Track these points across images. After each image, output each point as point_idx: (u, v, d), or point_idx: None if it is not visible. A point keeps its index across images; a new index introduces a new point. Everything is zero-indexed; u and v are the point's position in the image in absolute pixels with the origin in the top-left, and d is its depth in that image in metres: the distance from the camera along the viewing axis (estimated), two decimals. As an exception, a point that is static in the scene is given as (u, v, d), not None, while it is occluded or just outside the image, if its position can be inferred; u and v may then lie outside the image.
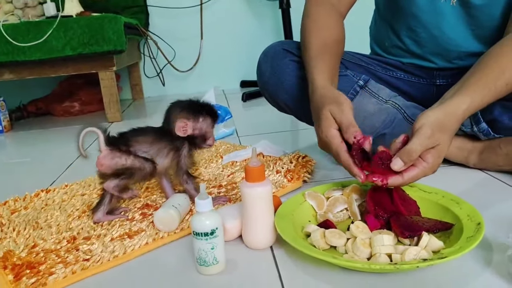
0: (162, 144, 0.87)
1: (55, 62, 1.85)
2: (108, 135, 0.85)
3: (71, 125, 1.97)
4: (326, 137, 0.78)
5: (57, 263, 0.72)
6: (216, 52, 2.59)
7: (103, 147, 0.84)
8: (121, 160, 0.84)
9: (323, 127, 0.78)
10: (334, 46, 0.94)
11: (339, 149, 0.76)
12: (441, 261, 0.59)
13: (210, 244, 0.66)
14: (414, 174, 0.72)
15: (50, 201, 1.00)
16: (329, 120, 0.78)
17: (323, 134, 0.79)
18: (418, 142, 0.70)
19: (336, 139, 0.77)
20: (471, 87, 0.77)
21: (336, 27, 0.98)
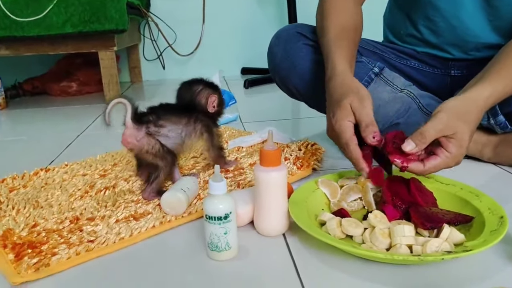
0: (195, 125, 0.86)
1: (54, 39, 1.79)
2: (136, 109, 0.82)
3: (68, 105, 1.93)
4: (340, 127, 0.75)
5: (60, 244, 0.69)
6: (217, 38, 2.54)
7: (128, 122, 0.81)
8: (147, 145, 0.81)
9: (338, 117, 0.75)
10: (352, 32, 0.91)
11: (350, 142, 0.73)
12: (466, 253, 0.57)
13: (223, 228, 0.64)
14: (436, 164, 0.70)
15: (50, 180, 0.96)
16: (347, 112, 0.74)
17: (336, 124, 0.75)
18: (431, 125, 0.69)
19: (348, 131, 0.74)
20: (492, 77, 0.76)
21: (354, 13, 0.95)
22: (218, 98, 0.90)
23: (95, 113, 1.71)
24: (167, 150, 0.83)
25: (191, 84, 0.89)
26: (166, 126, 0.83)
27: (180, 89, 0.90)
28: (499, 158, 0.95)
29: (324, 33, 0.91)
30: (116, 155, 1.10)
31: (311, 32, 1.02)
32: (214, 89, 0.90)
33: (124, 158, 1.07)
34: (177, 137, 0.84)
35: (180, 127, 0.84)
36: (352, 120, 0.74)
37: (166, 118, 0.83)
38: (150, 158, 0.83)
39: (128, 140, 0.81)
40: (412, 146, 0.69)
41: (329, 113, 0.80)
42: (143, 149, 0.82)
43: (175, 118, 0.84)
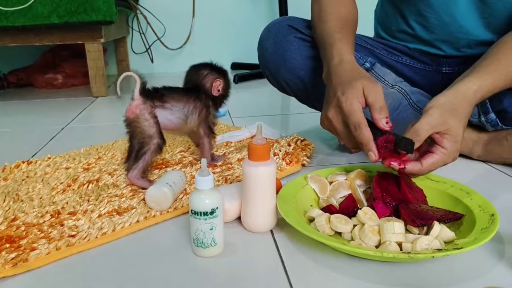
0: (195, 103, 0.90)
1: (39, 30, 1.75)
2: (145, 84, 0.85)
3: (54, 98, 1.89)
4: (352, 105, 0.70)
5: (39, 238, 0.67)
6: (207, 32, 2.52)
7: (137, 95, 0.84)
8: (147, 122, 0.84)
9: (349, 95, 0.71)
10: (352, 24, 0.90)
11: (363, 121, 0.69)
12: (457, 251, 0.56)
13: (209, 224, 0.62)
14: (434, 161, 0.69)
15: (32, 173, 0.93)
16: (358, 92, 0.71)
17: (347, 102, 0.71)
18: (425, 121, 0.68)
19: (360, 111, 0.70)
20: (481, 70, 0.76)
21: (352, 5, 0.94)
22: (223, 82, 0.94)
23: (81, 106, 1.67)
24: (161, 133, 0.85)
25: (199, 67, 0.94)
26: (169, 102, 0.87)
27: (188, 72, 0.94)
28: (489, 155, 0.95)
29: (323, 22, 0.89)
30: (101, 149, 1.07)
31: (303, 25, 1.00)
32: (220, 73, 0.94)
33: (109, 151, 1.05)
34: (180, 112, 0.88)
35: (182, 104, 0.88)
36: (362, 102, 0.71)
37: (170, 96, 0.87)
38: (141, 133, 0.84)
39: (133, 111, 0.84)
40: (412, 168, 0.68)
41: (335, 93, 0.74)
42: (145, 122, 0.84)
43: (178, 97, 0.88)
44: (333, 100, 0.75)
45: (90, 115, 1.56)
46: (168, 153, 1.04)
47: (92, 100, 1.79)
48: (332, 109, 0.75)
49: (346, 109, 0.71)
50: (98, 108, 1.68)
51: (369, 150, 0.69)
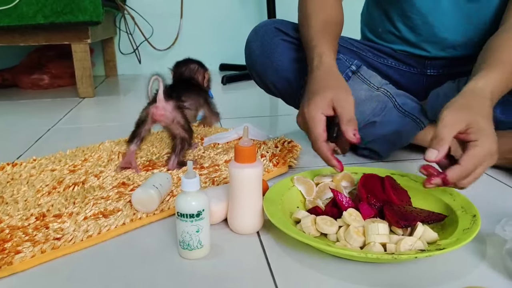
0: (199, 98, 1.01)
1: (25, 30, 1.73)
2: (167, 86, 0.92)
3: (40, 99, 1.86)
4: (312, 118, 0.73)
5: (24, 241, 0.66)
6: (195, 33, 2.51)
7: (161, 97, 0.90)
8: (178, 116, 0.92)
9: (313, 105, 0.73)
10: (335, 26, 0.91)
11: (319, 137, 0.72)
12: (439, 252, 0.57)
13: (195, 226, 0.62)
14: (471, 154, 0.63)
15: (17, 175, 0.93)
16: (324, 103, 0.73)
17: (309, 114, 0.73)
18: (441, 125, 0.64)
19: (319, 126, 0.72)
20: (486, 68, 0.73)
21: (336, 8, 0.95)
22: (208, 75, 1.06)
23: (67, 107, 1.66)
24: (189, 125, 0.95)
25: (188, 63, 1.03)
26: (186, 101, 0.95)
27: (178, 68, 1.03)
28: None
29: (308, 26, 0.90)
30: (87, 150, 1.07)
31: (290, 28, 1.00)
32: (204, 67, 1.05)
33: (95, 153, 1.04)
34: (193, 109, 0.98)
35: (193, 100, 0.98)
36: (326, 112, 0.73)
37: (185, 95, 0.96)
38: (177, 130, 0.93)
39: (161, 113, 0.90)
40: (435, 154, 0.63)
41: (304, 101, 0.77)
42: (175, 120, 0.92)
43: (189, 93, 0.97)
44: (301, 108, 0.77)
45: (77, 116, 1.55)
46: (155, 155, 1.03)
47: (79, 101, 1.78)
48: (299, 117, 0.78)
49: (307, 121, 0.74)
50: (84, 109, 1.66)
51: (330, 163, 0.74)
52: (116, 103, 1.77)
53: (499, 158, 0.92)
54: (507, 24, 0.84)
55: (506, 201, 0.82)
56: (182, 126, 0.93)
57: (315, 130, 0.72)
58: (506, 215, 0.64)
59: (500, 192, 0.85)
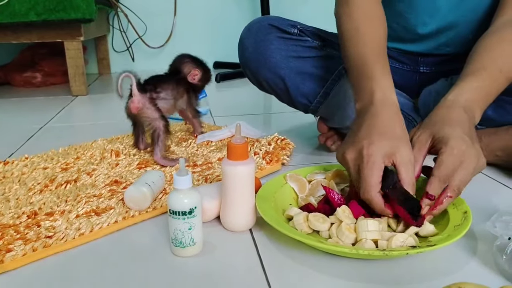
0: (179, 88, 1.05)
1: (17, 28, 1.72)
2: (139, 80, 0.97)
3: (32, 97, 1.85)
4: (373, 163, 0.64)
5: (15, 239, 0.66)
6: (189, 31, 2.50)
7: (135, 91, 0.95)
8: (150, 109, 0.97)
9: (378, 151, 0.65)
10: (386, 48, 0.80)
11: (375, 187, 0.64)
12: (430, 248, 0.57)
13: (188, 224, 0.62)
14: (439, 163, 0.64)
15: (9, 173, 0.92)
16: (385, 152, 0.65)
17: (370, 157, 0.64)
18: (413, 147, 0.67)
19: (379, 174, 0.64)
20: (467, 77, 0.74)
21: (384, 23, 0.83)
22: (202, 74, 1.09)
23: (60, 105, 1.65)
24: (163, 116, 0.99)
25: (184, 55, 1.10)
26: (162, 92, 1.00)
27: (173, 60, 1.10)
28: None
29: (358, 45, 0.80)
30: (80, 148, 1.06)
31: (283, 25, 1.00)
32: (200, 66, 1.10)
33: (88, 151, 1.04)
34: (170, 98, 1.02)
35: (170, 90, 1.02)
36: (385, 163, 0.65)
37: (160, 86, 1.00)
38: (150, 121, 0.97)
39: (136, 106, 0.95)
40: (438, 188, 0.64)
41: (363, 139, 0.67)
42: (147, 112, 0.97)
43: (166, 85, 1.02)
44: (357, 144, 0.67)
45: (70, 114, 1.54)
46: (148, 153, 1.03)
47: (72, 99, 1.77)
48: (352, 152, 0.68)
49: (365, 164, 0.65)
50: (77, 107, 1.66)
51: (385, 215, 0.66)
52: (109, 101, 1.76)
53: (490, 156, 0.94)
54: (495, 25, 0.84)
55: (497, 197, 0.82)
56: (154, 119, 0.97)
57: (373, 178, 0.64)
58: (497, 211, 0.65)
59: (491, 189, 0.86)
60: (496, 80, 0.75)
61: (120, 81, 0.95)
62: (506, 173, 0.92)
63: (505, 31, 0.82)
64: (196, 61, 1.10)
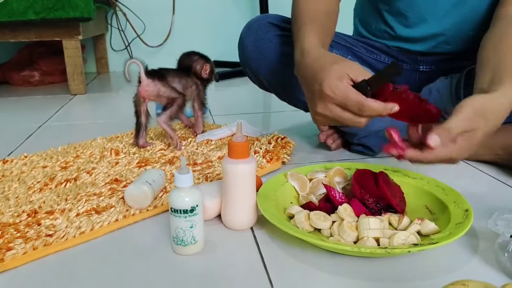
0: (187, 80, 1.08)
1: (15, 27, 1.71)
2: (146, 67, 1.02)
3: (30, 96, 1.85)
4: (338, 89, 0.65)
5: (16, 238, 0.65)
6: (188, 29, 2.50)
7: (143, 77, 1.00)
8: (163, 88, 1.02)
9: (333, 80, 0.66)
10: (323, 16, 0.87)
11: (362, 99, 0.64)
12: (432, 246, 0.57)
13: (189, 222, 0.62)
14: (440, 152, 0.63)
15: (8, 172, 0.92)
16: (339, 73, 0.66)
17: (332, 89, 0.65)
18: (457, 120, 0.63)
19: (350, 90, 0.65)
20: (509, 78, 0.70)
21: (327, 2, 0.92)
22: (210, 67, 1.14)
23: (59, 104, 1.64)
24: (178, 91, 1.04)
25: (191, 54, 1.14)
26: (171, 82, 1.04)
27: (180, 58, 1.13)
28: (465, 153, 0.96)
29: (296, 20, 0.88)
30: (79, 147, 1.06)
31: (283, 23, 1.00)
32: (208, 60, 1.15)
33: (87, 150, 1.03)
34: (178, 87, 1.05)
35: (177, 80, 1.06)
36: (348, 81, 0.67)
37: (169, 75, 1.04)
38: (166, 100, 1.03)
39: (145, 89, 1.01)
40: (437, 142, 0.62)
41: (314, 87, 0.69)
42: (159, 92, 1.02)
43: (175, 75, 1.06)
44: (315, 94, 0.70)
45: (68, 113, 1.54)
46: (148, 152, 1.03)
47: (70, 98, 1.76)
48: (319, 103, 0.69)
49: (335, 96, 0.66)
50: (76, 106, 1.65)
51: (391, 110, 0.64)
52: (107, 100, 1.76)
53: (491, 154, 0.94)
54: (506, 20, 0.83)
55: (498, 196, 0.82)
56: (169, 95, 1.03)
57: (352, 96, 0.65)
58: (498, 209, 0.65)
59: (492, 187, 0.86)
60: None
61: (127, 66, 1.01)
62: (507, 172, 0.92)
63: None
64: (204, 56, 1.15)
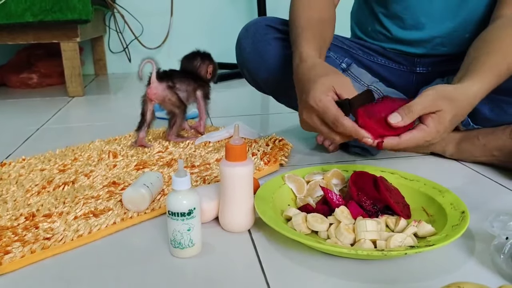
0: (194, 84, 1.13)
1: (13, 29, 1.71)
2: (159, 70, 1.06)
3: (28, 98, 1.85)
4: (322, 102, 0.68)
5: (13, 241, 0.65)
6: (186, 31, 2.50)
7: (154, 79, 1.04)
8: (169, 95, 1.07)
9: (317, 93, 0.69)
10: (319, 23, 0.89)
11: (338, 115, 0.67)
12: (429, 248, 0.57)
13: (187, 225, 0.62)
14: (412, 135, 0.67)
15: (6, 175, 0.92)
16: (325, 87, 0.70)
17: (317, 100, 0.69)
18: (419, 100, 0.67)
19: (333, 105, 0.68)
20: (477, 72, 0.75)
21: (324, 7, 0.94)
22: (213, 67, 1.17)
23: (57, 106, 1.65)
24: (182, 101, 1.09)
25: (192, 59, 1.16)
26: (177, 84, 1.08)
27: (183, 62, 1.16)
28: (461, 154, 0.97)
29: (294, 26, 0.89)
30: (77, 150, 1.06)
31: (281, 25, 1.00)
32: (209, 59, 1.17)
33: (85, 152, 1.03)
34: (184, 91, 1.10)
35: (184, 87, 1.10)
36: (333, 96, 0.70)
37: (177, 79, 1.09)
38: (170, 107, 1.09)
39: (154, 92, 1.05)
40: (398, 119, 0.66)
41: (302, 96, 0.74)
42: (166, 98, 1.07)
43: (183, 79, 1.10)
44: (302, 102, 0.74)
45: (66, 115, 1.54)
46: (146, 154, 1.03)
47: (68, 100, 1.76)
48: (304, 111, 0.74)
49: (318, 108, 0.70)
50: (74, 108, 1.65)
51: (362, 137, 0.68)
52: (106, 102, 1.76)
53: (487, 155, 0.94)
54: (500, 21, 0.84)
55: (494, 197, 0.83)
56: (173, 103, 1.08)
57: (330, 111, 0.68)
58: (495, 211, 0.65)
59: (489, 189, 0.86)
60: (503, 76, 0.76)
61: (142, 65, 1.04)
62: (503, 173, 0.92)
63: None
64: (206, 55, 1.17)
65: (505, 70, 0.76)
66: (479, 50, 0.80)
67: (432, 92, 0.68)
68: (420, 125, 0.68)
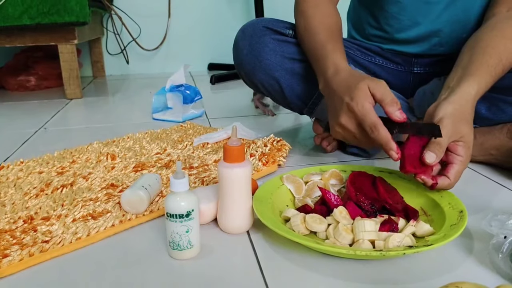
0: None
1: (10, 32, 1.71)
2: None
3: (26, 101, 1.84)
4: (363, 108, 0.71)
5: (12, 245, 0.65)
6: (183, 32, 2.50)
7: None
8: None
9: (359, 99, 0.72)
10: (338, 33, 0.92)
11: (377, 121, 0.70)
12: (427, 248, 0.57)
13: (185, 227, 0.62)
14: (457, 170, 0.71)
15: (4, 178, 0.92)
16: (366, 93, 0.73)
17: (359, 106, 0.72)
18: (444, 133, 0.69)
19: (373, 112, 0.71)
20: (475, 74, 0.76)
21: (336, 15, 0.95)
22: None
23: (55, 109, 1.64)
24: None
25: None
26: None
27: None
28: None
29: (312, 35, 0.91)
30: (75, 152, 1.06)
31: (278, 26, 1.00)
32: None
33: (83, 155, 1.03)
34: None
35: None
36: (372, 101, 0.73)
37: None
38: None
39: None
40: (433, 158, 0.68)
41: (343, 100, 0.75)
42: None
43: None
44: (343, 107, 0.75)
45: (64, 117, 1.54)
46: (144, 156, 1.03)
47: (66, 103, 1.76)
48: (344, 116, 0.75)
49: (359, 112, 0.72)
50: (72, 111, 1.65)
51: (390, 149, 0.70)
52: (104, 104, 1.76)
53: (484, 154, 0.95)
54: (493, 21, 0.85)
55: (492, 196, 0.83)
56: None
57: (370, 117, 0.71)
58: (493, 210, 0.65)
59: (486, 188, 0.86)
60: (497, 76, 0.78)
61: None
62: (501, 172, 0.92)
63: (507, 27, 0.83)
64: None
65: (500, 71, 0.78)
66: (474, 49, 0.80)
67: (448, 121, 0.70)
68: (455, 157, 0.71)
